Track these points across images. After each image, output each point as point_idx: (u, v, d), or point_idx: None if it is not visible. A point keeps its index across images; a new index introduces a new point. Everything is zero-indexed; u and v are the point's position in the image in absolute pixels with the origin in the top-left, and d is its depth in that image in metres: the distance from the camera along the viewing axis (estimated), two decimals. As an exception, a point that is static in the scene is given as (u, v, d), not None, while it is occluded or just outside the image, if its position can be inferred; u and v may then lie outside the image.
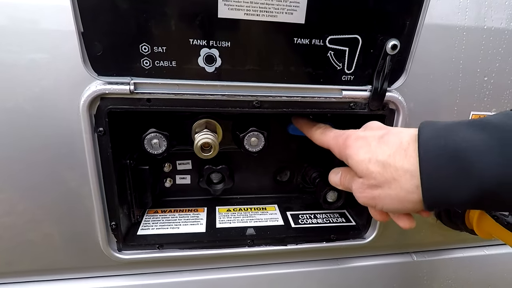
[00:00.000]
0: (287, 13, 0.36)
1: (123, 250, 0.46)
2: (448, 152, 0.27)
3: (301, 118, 0.49)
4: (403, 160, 0.30)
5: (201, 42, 0.36)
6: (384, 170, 0.31)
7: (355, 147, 0.35)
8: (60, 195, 0.44)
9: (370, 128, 0.38)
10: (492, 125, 0.27)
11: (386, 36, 0.39)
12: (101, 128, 0.39)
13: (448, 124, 0.29)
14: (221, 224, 0.51)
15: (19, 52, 0.37)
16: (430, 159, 0.28)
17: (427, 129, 0.30)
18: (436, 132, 0.29)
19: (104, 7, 0.33)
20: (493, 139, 0.26)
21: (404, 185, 0.30)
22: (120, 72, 0.37)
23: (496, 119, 0.27)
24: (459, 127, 0.28)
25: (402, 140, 0.31)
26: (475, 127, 0.27)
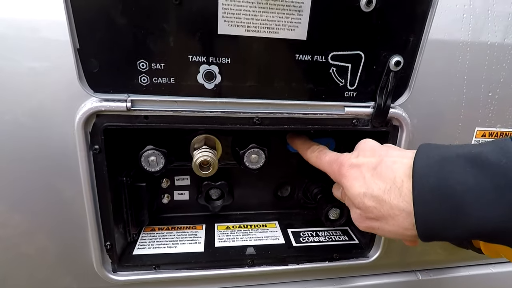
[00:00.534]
0: (289, 30, 0.35)
1: (118, 271, 0.44)
2: (443, 195, 0.26)
3: (296, 137, 0.48)
4: (398, 199, 0.30)
5: (201, 59, 0.35)
6: (380, 206, 0.31)
7: (350, 178, 0.34)
8: (53, 214, 0.42)
9: (363, 151, 0.36)
10: (489, 164, 0.26)
11: (390, 52, 0.38)
12: (96, 145, 0.38)
13: (444, 156, 0.28)
14: (220, 242, 0.50)
15: (19, 61, 0.36)
16: (425, 202, 0.27)
17: (421, 164, 0.29)
18: (430, 168, 0.28)
19: (101, 23, 0.32)
20: (489, 182, 0.25)
21: (400, 223, 0.30)
22: (116, 89, 0.36)
23: (492, 156, 0.26)
24: (455, 164, 0.27)
25: (396, 175, 0.31)
26: (471, 165, 0.26)
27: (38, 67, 0.36)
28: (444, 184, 0.27)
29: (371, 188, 0.32)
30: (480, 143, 0.29)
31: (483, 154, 0.26)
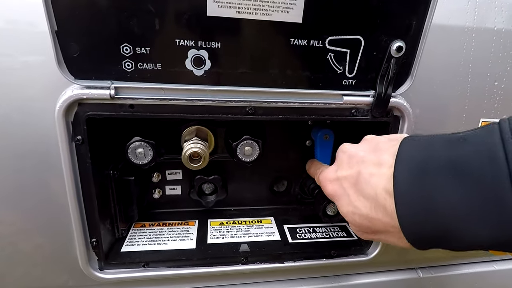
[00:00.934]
0: (283, 12, 0.33)
1: (105, 269, 0.42)
2: (429, 216, 0.25)
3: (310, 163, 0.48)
4: (386, 217, 0.28)
5: (189, 43, 0.33)
6: (372, 224, 0.30)
7: (335, 197, 0.34)
8: (35, 209, 0.40)
9: (341, 162, 0.35)
10: (473, 175, 0.23)
11: (391, 37, 0.36)
12: (79, 136, 0.36)
13: (425, 168, 0.26)
14: (212, 239, 0.48)
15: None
16: (411, 223, 0.26)
17: (402, 179, 0.27)
18: (411, 186, 0.26)
19: (80, 3, 0.30)
20: (476, 197, 0.23)
21: (397, 235, 0.28)
22: (99, 76, 0.34)
23: (477, 162, 0.23)
24: (437, 177, 0.25)
25: (376, 191, 0.29)
26: (455, 176, 0.24)
27: (12, 53, 0.34)
28: (429, 205, 0.25)
29: (358, 208, 0.31)
30: (467, 132, 0.27)
31: (467, 160, 0.24)
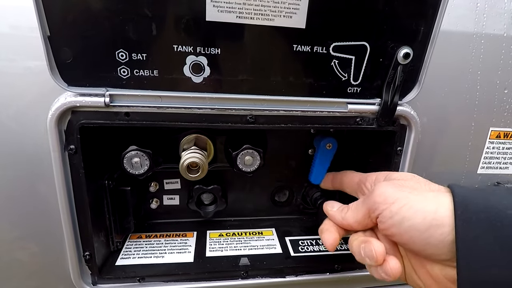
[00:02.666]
0: (286, 17, 0.31)
1: (98, 283, 0.40)
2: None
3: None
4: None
5: (187, 49, 0.32)
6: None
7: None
8: (26, 221, 0.39)
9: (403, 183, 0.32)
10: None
11: (398, 43, 0.34)
12: (72, 145, 0.34)
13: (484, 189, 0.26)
14: (211, 252, 0.46)
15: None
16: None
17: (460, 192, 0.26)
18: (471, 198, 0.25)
19: (74, 7, 0.29)
20: None
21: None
22: (93, 82, 0.32)
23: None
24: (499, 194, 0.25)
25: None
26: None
27: (2, 59, 0.33)
28: (491, 206, 0.24)
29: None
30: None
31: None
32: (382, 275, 0.30)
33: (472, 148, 0.46)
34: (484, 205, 0.25)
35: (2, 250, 0.40)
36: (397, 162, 0.41)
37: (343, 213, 0.35)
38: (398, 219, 0.28)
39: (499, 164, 0.47)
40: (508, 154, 0.47)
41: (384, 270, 0.29)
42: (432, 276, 0.29)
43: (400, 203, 0.28)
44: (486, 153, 0.46)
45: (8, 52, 0.34)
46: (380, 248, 0.29)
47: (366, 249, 0.30)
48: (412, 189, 0.29)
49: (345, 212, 0.35)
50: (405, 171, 0.41)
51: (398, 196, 0.29)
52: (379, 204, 0.30)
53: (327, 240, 0.35)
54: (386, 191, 0.30)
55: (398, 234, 0.28)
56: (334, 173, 0.46)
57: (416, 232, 0.27)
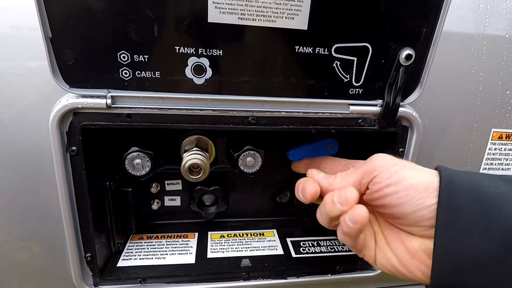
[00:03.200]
0: (288, 18, 0.31)
1: (100, 285, 0.40)
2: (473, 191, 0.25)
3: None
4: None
5: (189, 50, 0.32)
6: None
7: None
8: (27, 222, 0.39)
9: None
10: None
11: (400, 44, 0.34)
12: (74, 147, 0.34)
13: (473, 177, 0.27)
14: (213, 253, 0.46)
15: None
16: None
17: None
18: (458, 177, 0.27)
19: (76, 8, 0.29)
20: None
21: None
22: (95, 84, 0.32)
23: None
24: (488, 178, 0.26)
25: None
26: (505, 182, 0.25)
27: (4, 60, 0.33)
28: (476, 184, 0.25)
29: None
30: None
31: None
32: (348, 223, 0.29)
33: (474, 149, 0.46)
34: (469, 181, 0.26)
35: (3, 250, 0.40)
36: (398, 163, 0.41)
37: (331, 179, 0.34)
38: (397, 178, 0.28)
39: (501, 165, 0.47)
40: (510, 155, 0.47)
41: (351, 216, 0.28)
42: (408, 250, 0.29)
43: (399, 166, 0.29)
44: (488, 154, 0.46)
45: (9, 52, 0.34)
46: (354, 192, 0.29)
47: (341, 193, 0.30)
48: (407, 163, 0.31)
49: (333, 179, 0.34)
50: (407, 172, 0.41)
51: (397, 162, 0.30)
52: (377, 167, 0.30)
53: (310, 189, 0.34)
54: (385, 157, 0.31)
55: (392, 194, 0.28)
56: (311, 158, 0.44)
57: (414, 191, 0.27)
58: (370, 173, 0.30)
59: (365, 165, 0.32)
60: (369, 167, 0.31)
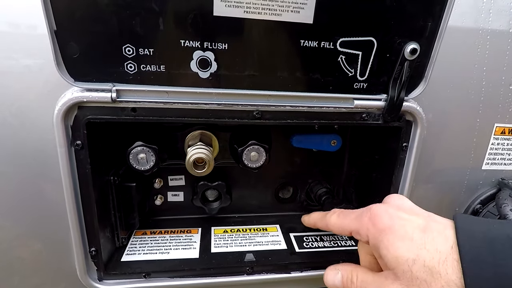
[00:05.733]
0: (293, 12, 0.31)
1: (104, 279, 0.40)
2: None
3: (312, 214, 0.44)
4: (455, 274, 0.25)
5: (194, 44, 0.32)
6: (432, 279, 0.25)
7: (392, 236, 0.28)
8: (32, 217, 0.39)
9: (401, 207, 0.31)
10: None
11: (405, 39, 0.34)
12: (78, 141, 0.34)
13: (492, 237, 0.25)
14: (216, 248, 0.46)
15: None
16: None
17: (467, 244, 0.25)
18: (479, 251, 0.24)
19: (80, 1, 0.29)
20: None
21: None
22: (100, 78, 0.32)
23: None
24: (507, 248, 0.24)
25: (452, 244, 0.26)
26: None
27: (10, 54, 0.33)
28: (503, 277, 0.23)
29: (423, 256, 0.26)
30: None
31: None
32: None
33: (477, 144, 0.46)
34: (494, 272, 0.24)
35: (8, 246, 0.40)
36: (402, 158, 0.41)
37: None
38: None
39: (503, 160, 0.47)
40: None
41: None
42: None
43: (417, 266, 0.27)
44: (491, 149, 0.46)
45: (14, 47, 0.34)
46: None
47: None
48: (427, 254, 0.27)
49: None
50: (410, 167, 0.41)
51: (416, 255, 0.27)
52: (394, 268, 0.28)
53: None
54: (399, 250, 0.28)
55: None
56: (321, 218, 0.41)
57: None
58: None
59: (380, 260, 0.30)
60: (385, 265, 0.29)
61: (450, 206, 0.49)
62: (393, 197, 0.34)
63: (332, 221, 0.37)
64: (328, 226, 0.38)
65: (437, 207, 0.49)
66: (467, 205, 0.49)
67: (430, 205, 0.48)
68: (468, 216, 0.28)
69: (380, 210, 0.31)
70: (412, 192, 0.43)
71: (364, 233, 0.31)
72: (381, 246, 0.29)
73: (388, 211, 0.30)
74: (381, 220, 0.30)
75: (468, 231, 0.26)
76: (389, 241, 0.28)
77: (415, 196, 0.45)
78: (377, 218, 0.30)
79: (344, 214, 0.36)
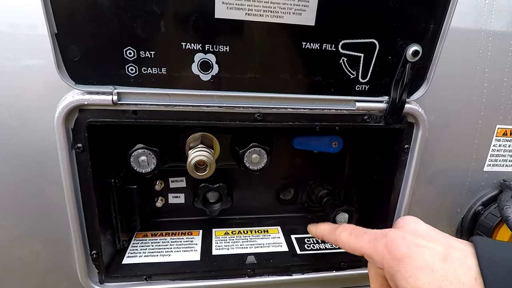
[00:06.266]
0: (295, 14, 0.31)
1: (105, 282, 0.40)
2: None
3: (320, 225, 0.42)
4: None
5: (196, 46, 0.32)
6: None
7: (411, 266, 0.27)
8: (33, 220, 0.39)
9: (418, 233, 0.29)
10: None
11: (407, 40, 0.34)
12: (79, 144, 0.34)
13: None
14: (217, 250, 0.46)
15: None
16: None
17: (491, 274, 0.24)
18: (503, 282, 0.23)
19: (81, 4, 0.28)
20: None
21: None
22: (101, 80, 0.32)
23: None
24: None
25: (475, 275, 0.24)
26: None
27: (10, 56, 0.32)
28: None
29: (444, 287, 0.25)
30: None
31: None
32: None
33: (479, 146, 0.46)
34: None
35: (9, 248, 0.40)
36: (404, 159, 0.41)
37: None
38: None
39: (505, 161, 0.47)
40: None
41: None
42: None
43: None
44: (493, 151, 0.46)
45: (14, 50, 0.33)
46: None
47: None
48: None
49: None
50: (412, 168, 0.41)
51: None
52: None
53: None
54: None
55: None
56: (331, 231, 0.39)
57: None
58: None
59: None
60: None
61: (451, 207, 0.49)
62: (406, 220, 0.32)
63: (343, 239, 0.35)
64: (338, 243, 0.36)
65: (438, 209, 0.49)
66: (469, 207, 0.49)
67: (431, 206, 0.48)
68: (488, 240, 0.26)
69: (397, 238, 0.29)
70: (414, 193, 0.42)
71: (379, 260, 0.30)
72: (399, 277, 0.27)
73: (405, 238, 0.29)
74: (398, 248, 0.28)
75: (490, 259, 0.24)
76: (408, 272, 0.27)
77: (417, 198, 0.45)
78: (393, 246, 0.29)
79: (356, 233, 0.34)
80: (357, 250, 0.33)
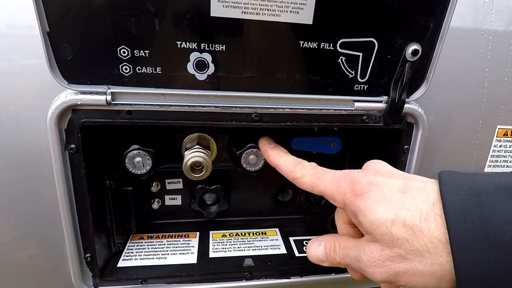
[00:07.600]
0: (292, 12, 0.31)
1: (100, 286, 0.39)
2: (490, 239, 0.21)
3: (276, 149, 0.38)
4: (439, 229, 0.23)
5: (191, 45, 0.31)
6: (414, 238, 0.24)
7: (370, 200, 0.27)
8: (25, 222, 0.38)
9: (379, 171, 0.30)
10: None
11: (406, 40, 0.34)
12: (73, 145, 0.33)
13: (478, 187, 0.23)
14: (214, 253, 0.45)
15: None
16: (466, 250, 0.22)
17: (451, 196, 0.24)
18: (464, 203, 0.23)
19: (74, 1, 0.28)
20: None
21: (441, 261, 0.23)
22: (94, 80, 0.31)
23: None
24: (495, 197, 0.22)
25: (434, 200, 0.25)
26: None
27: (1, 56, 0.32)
28: (489, 226, 0.21)
29: (402, 215, 0.25)
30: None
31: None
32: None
33: (479, 146, 0.45)
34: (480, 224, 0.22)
35: (1, 251, 0.39)
36: (404, 160, 0.40)
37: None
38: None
39: (506, 162, 0.47)
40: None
41: None
42: None
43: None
44: (493, 152, 0.46)
45: (6, 50, 0.33)
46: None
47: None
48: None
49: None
50: (412, 169, 0.40)
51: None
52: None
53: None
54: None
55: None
56: (291, 170, 0.36)
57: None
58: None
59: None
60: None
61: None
62: (370, 162, 0.33)
63: (303, 180, 0.33)
64: (297, 183, 0.34)
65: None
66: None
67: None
68: (454, 171, 0.26)
69: (359, 176, 0.29)
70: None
71: (341, 199, 0.29)
72: (358, 212, 0.27)
73: (366, 175, 0.29)
74: (359, 184, 0.28)
75: (452, 185, 0.24)
76: (366, 206, 0.27)
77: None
78: (355, 184, 0.28)
79: (317, 174, 0.32)
80: (319, 191, 0.32)
